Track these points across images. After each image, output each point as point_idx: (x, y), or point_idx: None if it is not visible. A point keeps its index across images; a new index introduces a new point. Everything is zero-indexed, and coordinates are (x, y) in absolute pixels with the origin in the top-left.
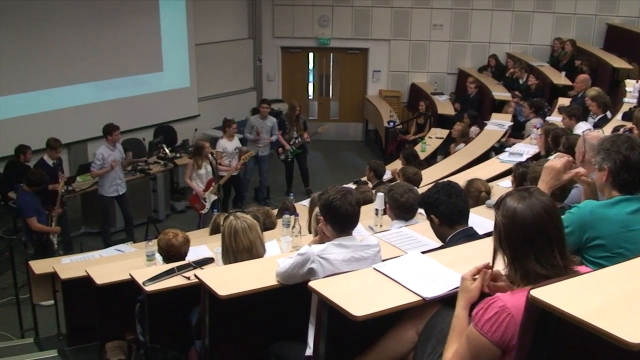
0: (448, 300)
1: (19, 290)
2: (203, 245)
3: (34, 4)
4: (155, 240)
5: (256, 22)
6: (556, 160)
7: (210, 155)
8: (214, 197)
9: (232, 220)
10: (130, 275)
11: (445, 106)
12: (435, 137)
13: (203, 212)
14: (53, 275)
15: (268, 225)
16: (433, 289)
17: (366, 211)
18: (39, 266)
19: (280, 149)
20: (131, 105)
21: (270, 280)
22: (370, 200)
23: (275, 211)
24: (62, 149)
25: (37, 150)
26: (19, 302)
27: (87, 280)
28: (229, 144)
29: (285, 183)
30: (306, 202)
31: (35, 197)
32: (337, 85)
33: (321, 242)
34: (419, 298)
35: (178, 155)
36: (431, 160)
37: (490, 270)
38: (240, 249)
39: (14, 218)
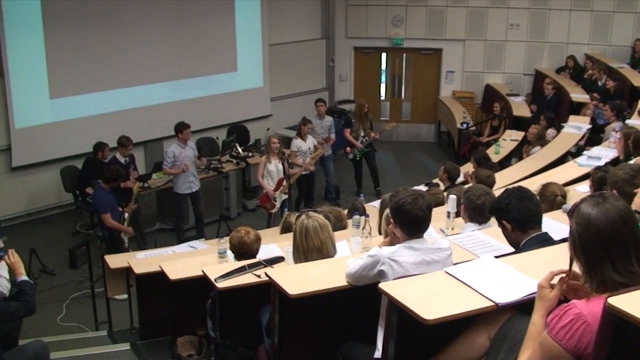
0: (521, 307)
1: (94, 284)
2: (273, 244)
3: (113, 7)
4: (227, 238)
5: (329, 23)
6: None
7: (283, 155)
8: (285, 197)
9: (303, 219)
10: (203, 271)
11: (520, 108)
12: (510, 139)
13: (273, 211)
14: (127, 270)
15: (338, 226)
16: (506, 295)
17: (438, 213)
18: (114, 261)
19: (348, 148)
20: (205, 105)
21: (340, 281)
22: (441, 203)
23: (345, 212)
24: (134, 147)
25: (114, 148)
26: (94, 295)
27: (160, 275)
28: (303, 144)
29: (355, 183)
30: (376, 203)
31: (111, 194)
32: (410, 86)
33: (391, 243)
34: (492, 303)
35: (250, 154)
36: (505, 163)
37: (566, 277)
38: (310, 249)
39: (91, 213)
